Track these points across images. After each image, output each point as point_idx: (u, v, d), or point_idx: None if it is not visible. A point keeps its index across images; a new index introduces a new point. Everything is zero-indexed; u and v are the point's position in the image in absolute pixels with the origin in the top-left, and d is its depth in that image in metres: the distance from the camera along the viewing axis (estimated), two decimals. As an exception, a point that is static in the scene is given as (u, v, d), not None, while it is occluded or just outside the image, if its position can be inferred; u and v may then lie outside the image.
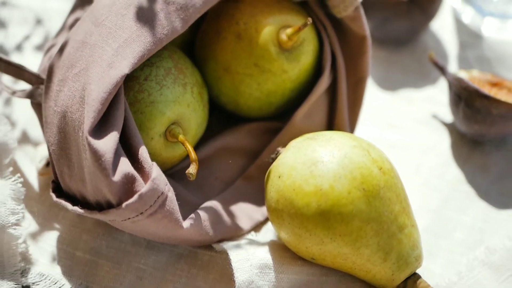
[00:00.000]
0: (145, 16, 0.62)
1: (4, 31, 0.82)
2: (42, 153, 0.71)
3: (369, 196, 0.62)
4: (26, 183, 0.69)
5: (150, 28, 0.62)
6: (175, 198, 0.60)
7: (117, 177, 0.59)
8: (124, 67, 0.60)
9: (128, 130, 0.61)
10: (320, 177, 0.61)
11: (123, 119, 0.61)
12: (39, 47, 0.81)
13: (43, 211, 0.69)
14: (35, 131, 0.74)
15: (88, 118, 0.58)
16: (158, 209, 0.60)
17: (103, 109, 0.59)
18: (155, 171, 0.59)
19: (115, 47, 0.60)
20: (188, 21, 0.64)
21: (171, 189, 0.60)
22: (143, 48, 0.61)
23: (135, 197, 0.58)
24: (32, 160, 0.71)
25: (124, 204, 0.59)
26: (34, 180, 0.69)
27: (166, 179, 0.60)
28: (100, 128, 0.59)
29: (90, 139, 0.58)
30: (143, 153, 0.60)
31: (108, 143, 0.58)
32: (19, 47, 0.80)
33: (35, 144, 0.72)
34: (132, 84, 0.63)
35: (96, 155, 0.58)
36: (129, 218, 0.60)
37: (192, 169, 0.60)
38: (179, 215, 0.60)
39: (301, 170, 0.61)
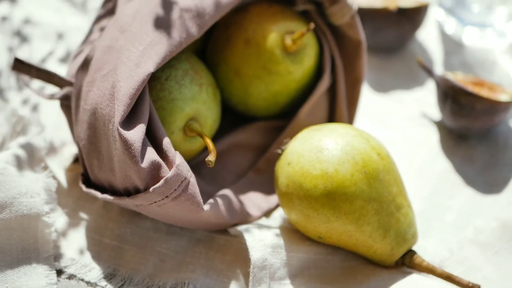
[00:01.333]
0: (166, 22, 0.66)
1: (28, 46, 0.85)
2: (68, 152, 0.74)
3: (370, 178, 0.66)
4: (54, 179, 0.72)
5: (171, 32, 0.66)
6: (196, 183, 0.64)
7: (145, 164, 0.62)
8: (149, 66, 0.64)
9: (153, 123, 0.65)
10: (326, 162, 0.65)
11: (148, 113, 0.64)
12: (62, 60, 0.84)
13: (71, 203, 0.72)
14: (60, 133, 0.77)
15: (119, 111, 0.62)
16: (182, 192, 0.63)
17: (132, 104, 0.63)
18: (179, 159, 0.63)
19: (140, 49, 0.65)
20: (203, 27, 0.68)
21: (193, 175, 0.64)
22: (165, 50, 0.66)
23: (162, 181, 0.62)
24: (60, 159, 0.74)
25: (151, 188, 0.62)
26: (61, 176, 0.73)
27: (188, 166, 0.64)
28: (129, 121, 0.63)
29: (121, 130, 0.62)
30: (166, 143, 0.64)
31: (136, 134, 0.62)
32: (43, 61, 0.83)
33: (61, 144, 0.76)
34: (154, 83, 0.67)
35: (126, 144, 0.62)
36: (155, 202, 0.63)
37: (211, 157, 0.64)
38: (200, 198, 0.64)
39: (308, 156, 0.66)
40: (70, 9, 0.91)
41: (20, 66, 0.71)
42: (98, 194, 0.67)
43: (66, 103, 0.71)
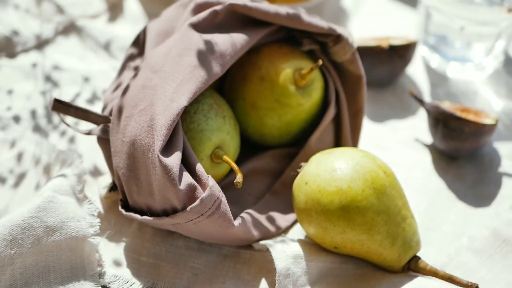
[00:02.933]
0: (195, 63, 0.71)
1: (58, 90, 0.90)
2: (104, 181, 0.79)
3: (378, 193, 0.71)
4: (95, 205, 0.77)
5: (199, 71, 0.72)
6: (226, 202, 0.69)
7: (182, 186, 0.67)
8: (183, 100, 0.69)
9: (186, 151, 0.70)
10: (340, 180, 0.71)
11: (182, 142, 0.69)
12: (89, 101, 0.89)
13: (109, 227, 0.77)
14: (95, 165, 0.83)
15: (158, 141, 0.67)
16: (215, 210, 0.68)
17: (169, 134, 0.68)
18: (211, 181, 0.68)
19: (174, 86, 0.70)
20: (225, 66, 0.73)
21: (224, 195, 0.69)
22: (195, 86, 0.71)
23: (198, 201, 0.67)
24: (96, 188, 0.80)
25: (189, 208, 0.67)
26: (98, 204, 0.78)
27: (219, 187, 0.69)
28: (166, 149, 0.68)
29: (161, 157, 0.67)
30: (199, 168, 0.69)
31: (174, 160, 0.67)
32: (72, 102, 0.88)
33: (96, 175, 0.81)
34: (184, 117, 0.73)
35: (165, 169, 0.67)
36: (191, 220, 0.68)
37: (238, 179, 0.70)
38: (231, 215, 0.69)
39: (324, 176, 0.71)
40: (93, 56, 0.96)
41: (59, 106, 0.75)
42: (137, 216, 0.71)
43: (104, 137, 0.75)
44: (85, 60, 0.95)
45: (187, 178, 0.68)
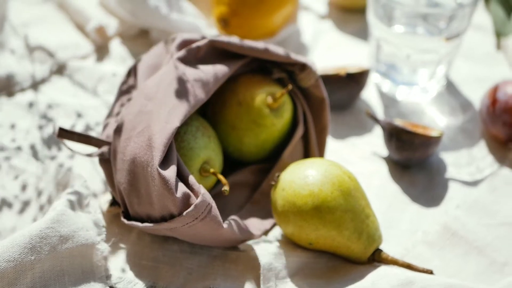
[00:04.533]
0: (183, 90, 0.79)
1: (53, 124, 0.96)
2: (105, 198, 0.86)
3: (345, 195, 0.78)
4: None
5: (187, 97, 0.79)
6: (216, 207, 0.75)
7: (178, 194, 0.74)
8: (176, 122, 0.76)
9: (179, 166, 0.77)
10: (312, 185, 0.78)
11: (176, 158, 0.76)
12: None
13: (112, 236, 0.83)
14: (95, 184, 0.89)
15: (157, 157, 0.74)
16: (207, 214, 0.74)
17: (165, 151, 0.75)
18: (202, 190, 0.75)
19: (167, 111, 0.77)
20: (208, 93, 0.80)
21: (214, 201, 0.75)
22: (185, 110, 0.78)
23: (192, 207, 0.73)
24: (97, 203, 0.86)
25: (184, 213, 0.73)
26: (100, 217, 0.83)
27: (210, 195, 0.76)
28: (163, 164, 0.75)
29: (160, 170, 0.74)
30: (191, 179, 0.76)
31: (170, 173, 0.74)
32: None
33: (95, 193, 0.87)
34: (176, 137, 0.79)
35: (164, 181, 0.74)
36: (187, 224, 0.74)
37: (225, 187, 0.77)
38: (220, 219, 0.76)
39: (298, 182, 0.79)
40: (85, 93, 1.01)
41: (64, 134, 0.81)
42: (139, 224, 0.78)
43: (105, 158, 0.83)
44: (77, 97, 1.00)
45: (182, 187, 0.75)
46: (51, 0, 1.15)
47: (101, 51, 1.09)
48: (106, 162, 0.84)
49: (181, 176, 0.77)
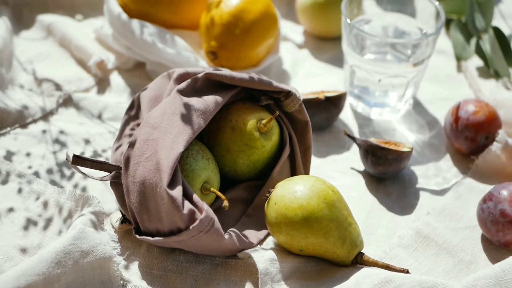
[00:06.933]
0: (185, 119, 0.86)
1: (66, 150, 1.01)
2: (115, 217, 0.93)
3: (330, 206, 0.84)
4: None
5: (189, 125, 0.85)
6: (218, 221, 0.83)
7: (185, 211, 0.81)
8: (180, 147, 0.83)
9: (184, 186, 0.84)
10: (300, 199, 0.85)
11: (181, 179, 0.83)
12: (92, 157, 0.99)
13: (125, 251, 0.89)
14: (106, 203, 0.95)
15: (165, 179, 0.81)
16: (211, 227, 0.81)
17: (172, 173, 0.82)
18: (206, 206, 0.82)
19: (172, 138, 0.84)
20: (207, 120, 0.87)
21: (216, 216, 0.83)
22: (187, 137, 0.84)
23: (197, 221, 0.81)
24: (109, 222, 0.92)
25: (191, 227, 0.80)
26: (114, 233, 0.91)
27: (212, 211, 0.83)
28: (171, 184, 0.82)
29: (168, 190, 0.81)
30: (195, 197, 0.83)
31: (177, 192, 0.81)
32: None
33: (109, 211, 0.94)
34: (179, 160, 0.86)
35: (172, 199, 0.81)
36: (193, 236, 0.81)
37: (225, 203, 0.85)
38: (222, 231, 0.83)
39: (288, 196, 0.85)
40: (90, 122, 1.07)
41: (78, 160, 0.87)
42: (149, 238, 0.85)
43: (116, 181, 0.89)
44: (84, 125, 1.06)
45: (188, 205, 0.82)
46: (52, 37, 1.21)
47: (102, 83, 1.14)
48: (117, 184, 0.90)
49: (186, 195, 0.84)
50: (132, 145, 0.87)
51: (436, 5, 1.05)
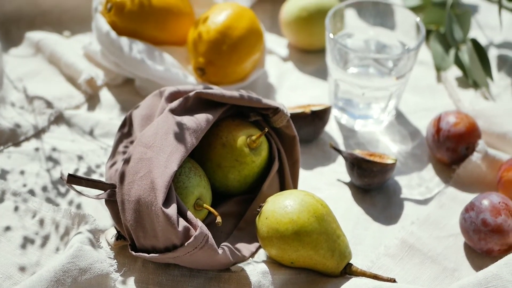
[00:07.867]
0: (178, 138, 0.87)
1: (59, 167, 1.03)
2: (110, 233, 0.95)
3: (319, 220, 0.87)
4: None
5: (182, 144, 0.87)
6: (212, 237, 0.85)
7: (180, 228, 0.82)
8: (174, 166, 0.85)
9: (178, 203, 0.86)
10: (291, 213, 0.87)
11: (175, 197, 0.85)
12: (86, 174, 1.03)
13: (121, 267, 0.90)
14: (101, 220, 0.97)
15: (160, 198, 0.83)
16: (205, 243, 0.83)
17: (166, 192, 0.84)
18: (200, 223, 0.84)
19: (165, 157, 0.86)
20: (198, 138, 0.88)
21: (209, 232, 0.85)
22: (180, 155, 0.86)
23: (192, 238, 0.82)
24: (104, 239, 0.94)
25: (186, 243, 0.82)
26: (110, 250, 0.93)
27: (206, 227, 0.85)
28: (165, 203, 0.84)
29: (163, 208, 0.83)
30: (190, 214, 0.85)
31: (172, 210, 0.83)
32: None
33: (102, 229, 0.96)
34: (172, 178, 0.89)
35: (167, 217, 0.82)
36: (188, 252, 0.83)
37: (218, 219, 0.87)
38: (216, 246, 0.85)
39: (279, 211, 0.88)
40: (82, 139, 1.09)
41: (72, 179, 0.88)
42: (145, 255, 0.87)
43: (111, 200, 0.91)
44: (76, 142, 1.07)
45: (182, 222, 0.84)
46: (41, 54, 1.23)
47: (92, 100, 1.15)
48: (112, 202, 0.92)
49: (181, 212, 0.86)
50: (126, 163, 0.89)
51: (417, 20, 1.07)
